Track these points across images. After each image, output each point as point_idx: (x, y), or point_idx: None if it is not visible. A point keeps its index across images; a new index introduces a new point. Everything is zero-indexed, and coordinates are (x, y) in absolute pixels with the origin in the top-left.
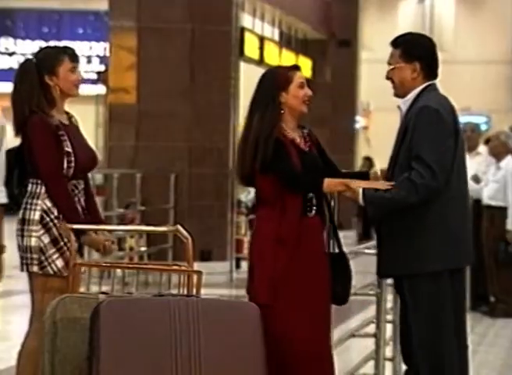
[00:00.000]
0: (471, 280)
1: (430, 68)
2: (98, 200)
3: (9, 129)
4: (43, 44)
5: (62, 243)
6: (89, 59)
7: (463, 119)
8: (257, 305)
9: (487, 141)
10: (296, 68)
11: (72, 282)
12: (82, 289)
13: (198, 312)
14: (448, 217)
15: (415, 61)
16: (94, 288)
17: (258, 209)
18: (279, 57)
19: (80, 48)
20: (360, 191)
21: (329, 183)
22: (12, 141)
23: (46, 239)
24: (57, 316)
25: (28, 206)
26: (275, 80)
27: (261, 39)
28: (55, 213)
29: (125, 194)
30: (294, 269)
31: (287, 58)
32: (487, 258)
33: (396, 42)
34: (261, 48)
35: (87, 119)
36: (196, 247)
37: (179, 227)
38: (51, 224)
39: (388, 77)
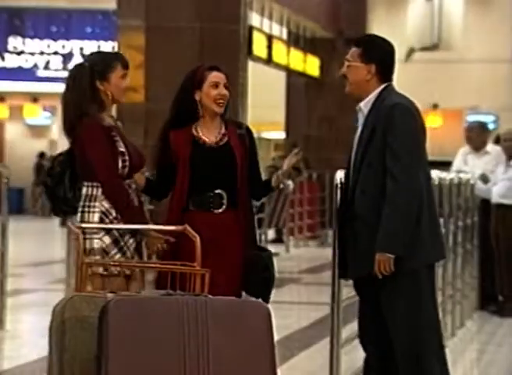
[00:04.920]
0: (479, 280)
1: (386, 72)
2: None
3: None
4: (51, 43)
5: (122, 243)
6: None
7: (471, 117)
8: None
9: (497, 140)
10: (213, 68)
11: (80, 281)
12: (90, 288)
13: (207, 311)
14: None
15: (372, 63)
16: None
17: None
18: (287, 56)
19: (88, 47)
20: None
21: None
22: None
23: (107, 240)
24: (65, 314)
25: (86, 209)
26: (190, 79)
27: (270, 38)
28: (114, 214)
29: None
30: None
31: (295, 56)
32: (496, 258)
33: (358, 41)
34: (270, 47)
35: None
36: None
37: (188, 226)
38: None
39: (343, 74)
